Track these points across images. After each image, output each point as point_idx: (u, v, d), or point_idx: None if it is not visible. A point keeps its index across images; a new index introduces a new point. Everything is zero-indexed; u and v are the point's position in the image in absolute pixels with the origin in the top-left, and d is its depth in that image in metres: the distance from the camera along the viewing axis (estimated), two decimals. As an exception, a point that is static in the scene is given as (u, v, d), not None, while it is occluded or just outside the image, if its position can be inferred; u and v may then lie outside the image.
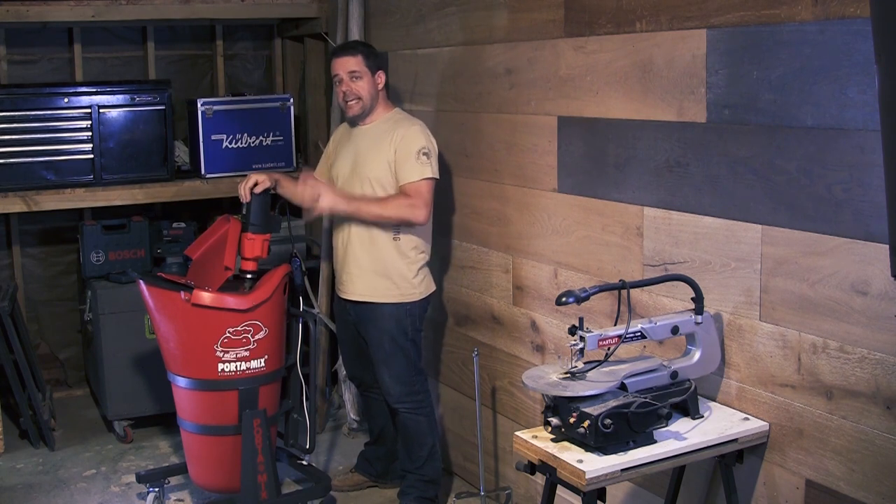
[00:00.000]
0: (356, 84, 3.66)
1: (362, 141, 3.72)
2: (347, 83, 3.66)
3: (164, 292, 3.50)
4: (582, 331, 2.53)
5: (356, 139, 3.75)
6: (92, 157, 4.64)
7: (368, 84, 3.67)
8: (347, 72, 3.66)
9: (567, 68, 3.25)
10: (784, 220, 2.51)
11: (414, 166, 3.56)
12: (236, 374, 3.50)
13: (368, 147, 3.68)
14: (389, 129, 3.67)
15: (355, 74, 3.65)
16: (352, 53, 3.69)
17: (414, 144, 3.58)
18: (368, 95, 3.68)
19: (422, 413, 3.77)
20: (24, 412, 4.55)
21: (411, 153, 3.57)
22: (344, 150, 3.79)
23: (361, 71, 3.66)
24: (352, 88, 3.66)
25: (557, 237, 3.38)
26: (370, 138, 3.70)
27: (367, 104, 3.69)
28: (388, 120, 3.73)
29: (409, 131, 3.62)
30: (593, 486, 2.37)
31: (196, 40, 5.44)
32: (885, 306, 2.28)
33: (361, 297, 3.71)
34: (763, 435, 2.62)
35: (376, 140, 3.67)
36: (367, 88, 3.67)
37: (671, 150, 2.85)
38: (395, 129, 3.65)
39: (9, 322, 4.39)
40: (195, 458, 3.65)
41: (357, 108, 3.69)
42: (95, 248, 4.77)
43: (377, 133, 3.69)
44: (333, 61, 3.73)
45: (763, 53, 2.52)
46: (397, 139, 3.61)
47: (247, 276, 3.64)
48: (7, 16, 4.45)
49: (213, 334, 3.46)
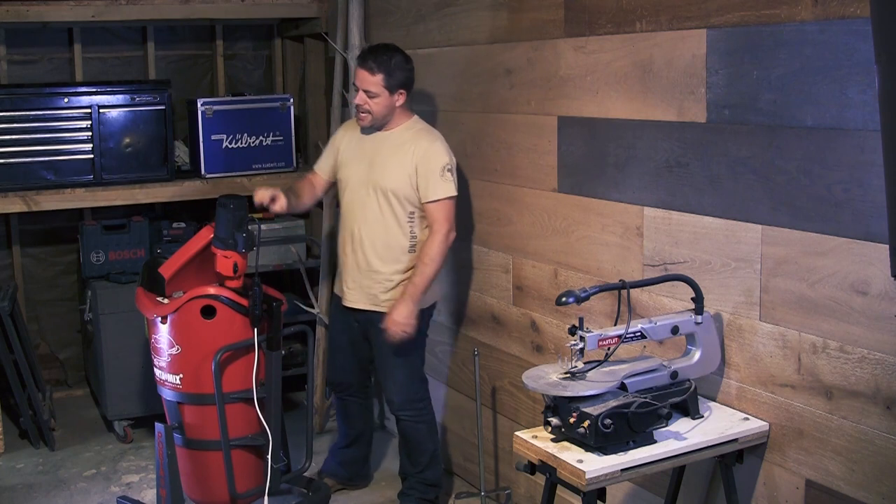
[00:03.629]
0: (371, 101, 3.55)
1: (379, 147, 3.62)
2: (362, 97, 3.56)
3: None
4: (582, 331, 2.53)
5: (372, 144, 3.65)
6: (92, 157, 4.64)
7: (384, 102, 3.55)
8: (364, 89, 3.55)
9: (567, 68, 3.25)
10: (784, 220, 2.51)
11: (439, 184, 3.51)
12: (161, 381, 3.51)
13: (387, 156, 3.59)
14: (410, 141, 3.57)
15: (371, 93, 3.54)
16: (371, 71, 3.52)
17: (438, 161, 3.52)
18: (380, 113, 3.57)
19: (423, 420, 3.76)
20: (24, 412, 4.55)
21: (435, 170, 3.51)
22: (356, 154, 3.68)
23: (378, 91, 3.52)
24: (365, 104, 3.56)
25: (557, 237, 3.38)
26: (389, 147, 3.60)
27: (377, 119, 3.59)
28: (409, 129, 3.63)
29: (432, 147, 3.54)
30: (593, 486, 2.37)
31: (196, 40, 5.44)
32: (885, 306, 2.28)
33: (368, 307, 3.67)
34: (763, 435, 2.62)
35: (395, 150, 3.58)
36: (380, 107, 3.56)
37: (671, 150, 2.85)
38: (417, 142, 3.56)
39: (9, 322, 4.39)
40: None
41: (367, 122, 3.60)
42: (95, 248, 4.77)
43: (397, 142, 3.60)
44: (356, 68, 3.61)
45: (763, 53, 2.52)
46: (419, 154, 3.53)
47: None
48: (7, 16, 4.45)
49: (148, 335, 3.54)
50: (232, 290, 3.43)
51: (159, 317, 3.41)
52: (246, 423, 3.48)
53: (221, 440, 3.39)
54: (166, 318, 3.40)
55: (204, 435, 3.47)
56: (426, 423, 3.78)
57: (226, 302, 3.39)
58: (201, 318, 3.39)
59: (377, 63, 3.53)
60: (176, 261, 3.50)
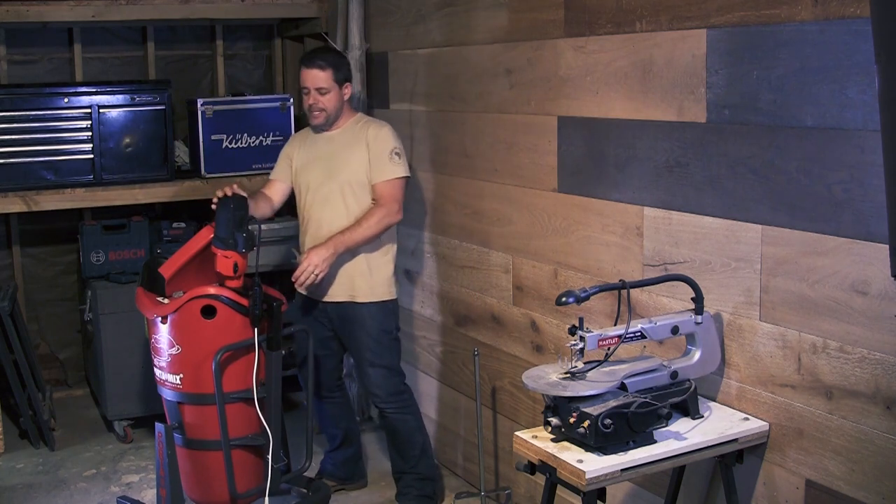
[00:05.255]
0: (323, 98, 3.71)
1: (332, 147, 3.77)
2: (315, 96, 3.71)
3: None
4: (582, 331, 2.53)
5: (324, 146, 3.79)
6: (92, 157, 4.64)
7: (335, 97, 3.73)
8: (316, 87, 3.70)
9: (567, 68, 3.25)
10: (784, 220, 2.51)
11: (387, 166, 3.67)
12: (161, 381, 3.51)
13: (341, 151, 3.73)
14: (360, 132, 3.74)
15: (323, 90, 3.70)
16: (321, 68, 3.70)
17: (386, 145, 3.69)
18: (333, 108, 3.74)
19: (408, 412, 3.79)
20: (24, 412, 4.55)
21: (384, 153, 3.67)
22: (312, 157, 3.80)
23: (329, 86, 3.70)
24: (318, 101, 3.71)
25: (557, 237, 3.38)
26: (341, 144, 3.75)
27: (331, 115, 3.74)
28: (356, 123, 3.80)
29: (380, 132, 3.72)
30: (593, 486, 2.37)
31: (196, 40, 5.44)
32: (885, 306, 2.28)
33: (345, 298, 3.71)
34: (763, 435, 2.62)
35: (348, 144, 3.73)
36: (332, 101, 3.73)
37: (671, 150, 2.85)
38: (366, 131, 3.74)
39: (9, 322, 4.39)
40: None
41: (321, 119, 3.74)
42: (95, 248, 4.77)
43: (347, 138, 3.75)
44: (303, 71, 3.74)
45: (763, 53, 2.52)
46: (370, 139, 3.70)
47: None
48: (7, 16, 4.45)
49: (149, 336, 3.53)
50: (232, 290, 3.43)
51: (159, 317, 3.41)
52: (246, 423, 3.48)
53: (221, 440, 3.38)
54: (166, 318, 3.40)
55: (204, 435, 3.46)
56: (412, 414, 3.81)
57: (226, 302, 3.39)
58: (201, 318, 3.39)
59: (324, 60, 3.73)
60: (176, 261, 3.50)
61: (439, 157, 4.06)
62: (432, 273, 4.16)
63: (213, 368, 3.32)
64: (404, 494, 3.83)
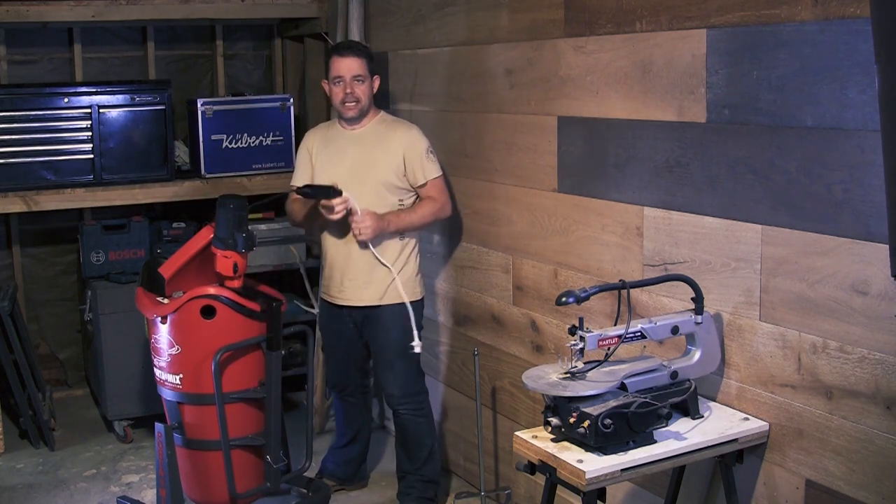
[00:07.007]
0: (359, 87, 3.62)
1: (357, 146, 3.68)
2: (350, 85, 3.61)
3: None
4: (582, 331, 2.53)
5: (348, 144, 3.69)
6: (92, 157, 4.64)
7: (368, 88, 3.66)
8: (352, 75, 3.61)
9: (567, 68, 3.24)
10: (784, 220, 2.51)
11: (429, 165, 3.66)
12: (161, 381, 3.50)
13: (369, 151, 3.65)
14: (387, 132, 3.68)
15: (359, 78, 3.61)
16: (358, 55, 3.63)
17: (421, 145, 3.66)
18: (367, 99, 3.66)
19: (422, 414, 3.78)
20: (24, 412, 4.55)
21: (422, 153, 3.65)
22: (334, 156, 3.70)
23: (364, 75, 3.63)
24: (354, 91, 3.62)
25: (557, 237, 3.38)
26: (369, 142, 3.67)
27: (364, 107, 3.66)
28: (381, 122, 3.73)
29: (411, 133, 3.68)
30: (593, 486, 2.37)
31: (196, 40, 5.44)
32: (885, 306, 2.28)
33: (370, 302, 3.68)
34: (763, 435, 2.62)
35: (377, 143, 3.65)
36: (367, 92, 3.65)
37: (671, 150, 2.85)
38: (395, 132, 3.67)
39: (9, 322, 4.40)
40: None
41: (355, 111, 3.65)
42: (95, 248, 4.77)
43: (374, 137, 3.68)
44: (337, 60, 3.64)
45: (763, 53, 2.52)
46: (405, 142, 3.64)
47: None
48: (7, 16, 4.45)
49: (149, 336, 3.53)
50: (232, 290, 3.43)
51: (159, 317, 3.41)
52: (246, 423, 3.49)
53: (221, 440, 3.39)
54: (166, 318, 3.40)
55: (204, 435, 3.46)
56: (425, 417, 3.79)
57: (226, 302, 3.39)
58: (201, 318, 3.39)
59: (359, 48, 3.71)
60: (176, 261, 3.50)
61: (439, 157, 4.06)
62: (432, 273, 4.16)
63: (212, 368, 3.32)
64: (406, 494, 3.82)
